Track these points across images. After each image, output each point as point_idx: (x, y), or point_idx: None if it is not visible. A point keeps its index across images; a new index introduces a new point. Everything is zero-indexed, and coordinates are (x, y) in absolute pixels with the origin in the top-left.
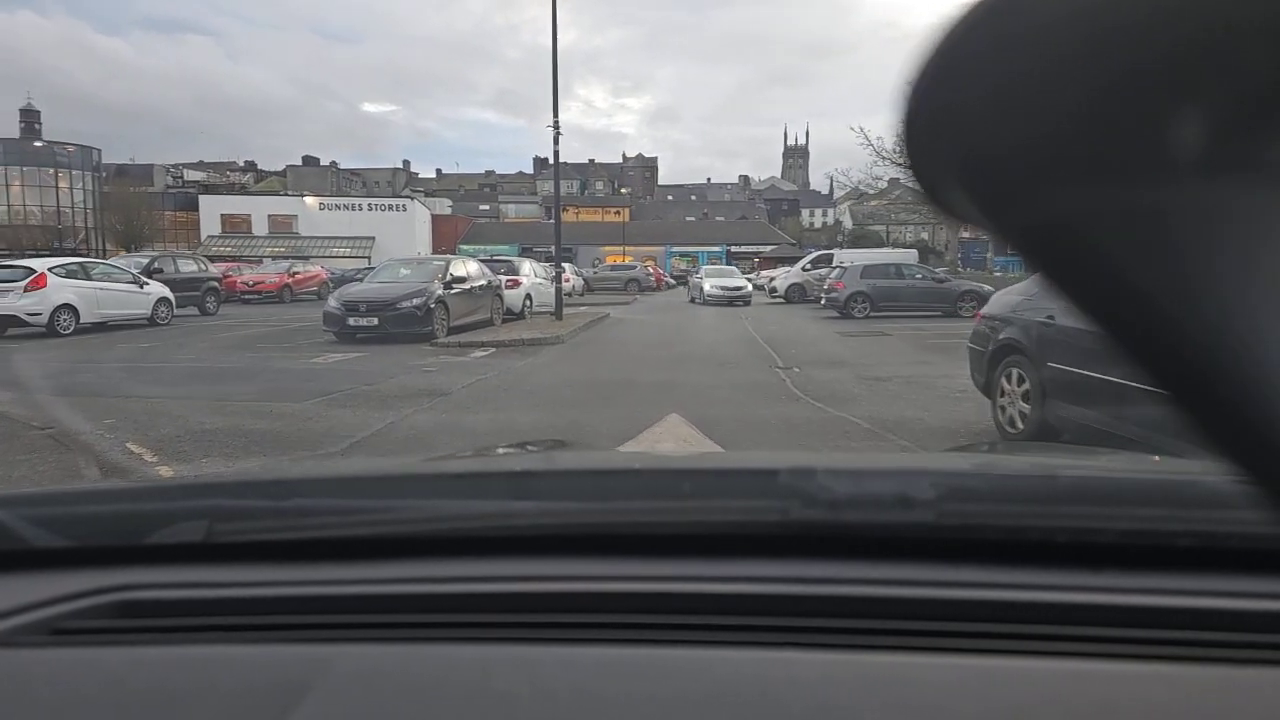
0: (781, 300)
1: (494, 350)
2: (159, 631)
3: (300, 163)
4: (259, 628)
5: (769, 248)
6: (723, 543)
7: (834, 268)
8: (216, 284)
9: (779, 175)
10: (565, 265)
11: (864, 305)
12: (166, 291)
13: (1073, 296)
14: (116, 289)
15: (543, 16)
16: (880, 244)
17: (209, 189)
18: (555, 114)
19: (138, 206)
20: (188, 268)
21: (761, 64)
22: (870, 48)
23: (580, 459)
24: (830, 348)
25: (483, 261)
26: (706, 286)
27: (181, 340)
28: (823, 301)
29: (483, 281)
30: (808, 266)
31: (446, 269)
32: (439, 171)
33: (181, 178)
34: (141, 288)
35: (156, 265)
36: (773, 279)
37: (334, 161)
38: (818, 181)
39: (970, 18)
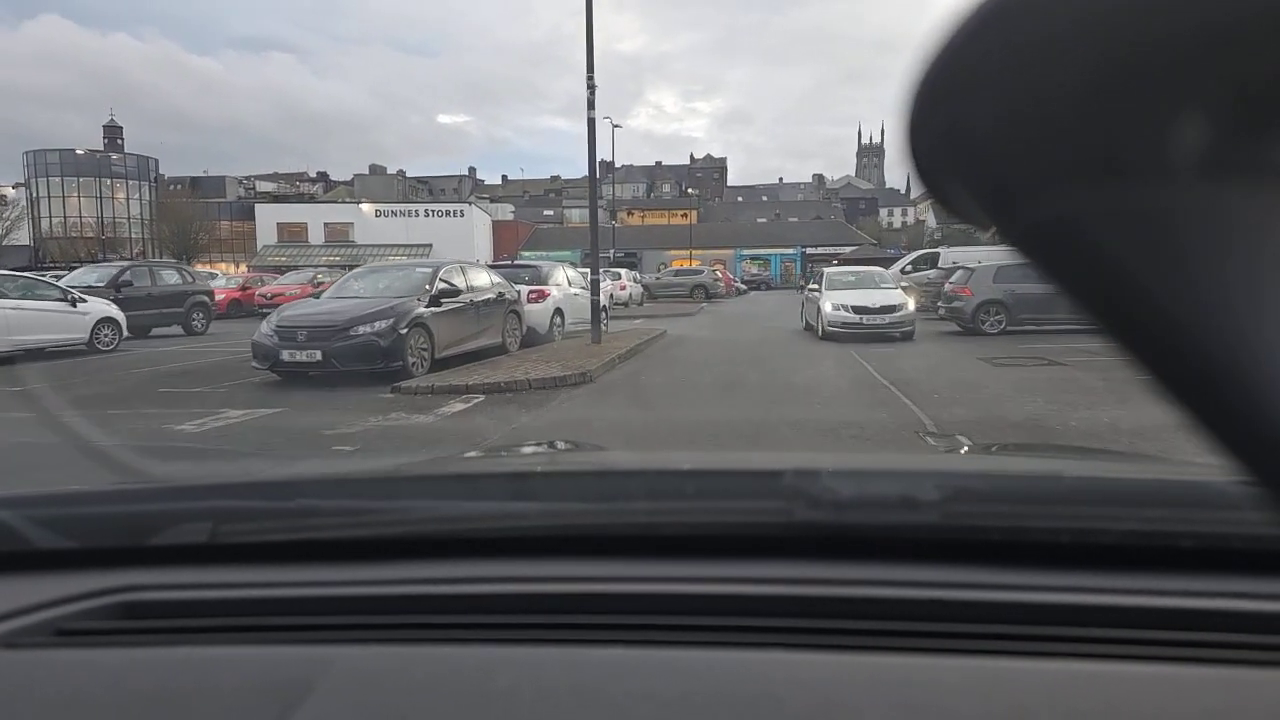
0: None
1: (480, 400)
2: (163, 632)
3: (367, 171)
4: (262, 628)
5: (848, 249)
6: (727, 544)
7: (950, 269)
8: (206, 298)
9: (853, 174)
10: (620, 271)
11: (998, 317)
12: (112, 310)
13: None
14: (37, 309)
15: (615, 23)
16: (968, 242)
17: (279, 199)
18: (590, 71)
19: (190, 217)
20: (170, 279)
21: (834, 62)
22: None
23: (584, 460)
24: (992, 388)
25: (503, 267)
26: (827, 308)
27: (75, 380)
28: (940, 311)
29: (491, 295)
30: (908, 268)
31: (434, 278)
32: (504, 177)
33: (253, 189)
34: (75, 306)
35: (126, 277)
36: None
37: (401, 170)
38: (895, 181)
39: (976, 18)
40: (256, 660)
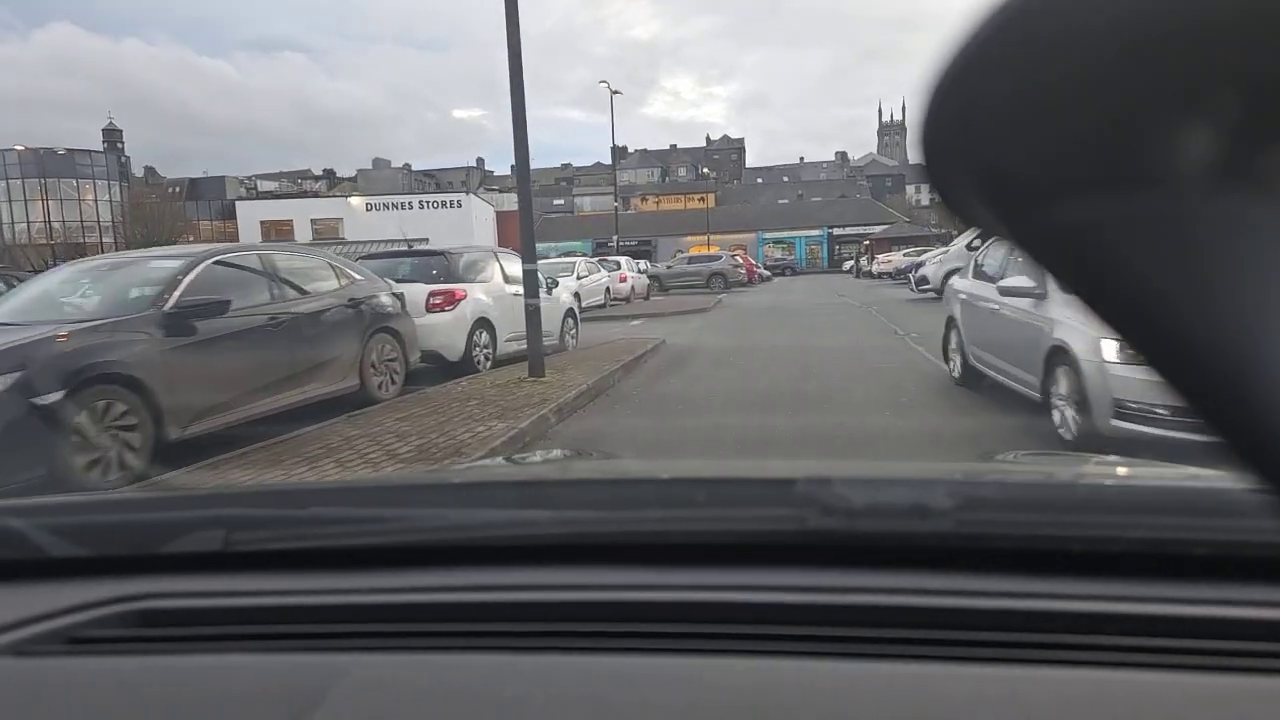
0: (934, 295)
1: None
2: (176, 640)
3: (370, 166)
4: (276, 636)
5: (878, 228)
6: (739, 552)
7: None
8: None
9: (876, 153)
10: (620, 260)
11: None
12: None
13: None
14: None
15: (628, 10)
16: None
17: (280, 196)
18: None
19: (162, 218)
20: None
21: (852, 42)
22: (963, 15)
23: (596, 468)
24: None
25: (389, 256)
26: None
27: None
28: None
29: (327, 304)
30: (975, 244)
31: (182, 277)
32: (513, 168)
33: (255, 188)
34: None
35: None
36: (918, 266)
37: (407, 164)
38: (918, 157)
39: (992, 24)
40: (269, 668)
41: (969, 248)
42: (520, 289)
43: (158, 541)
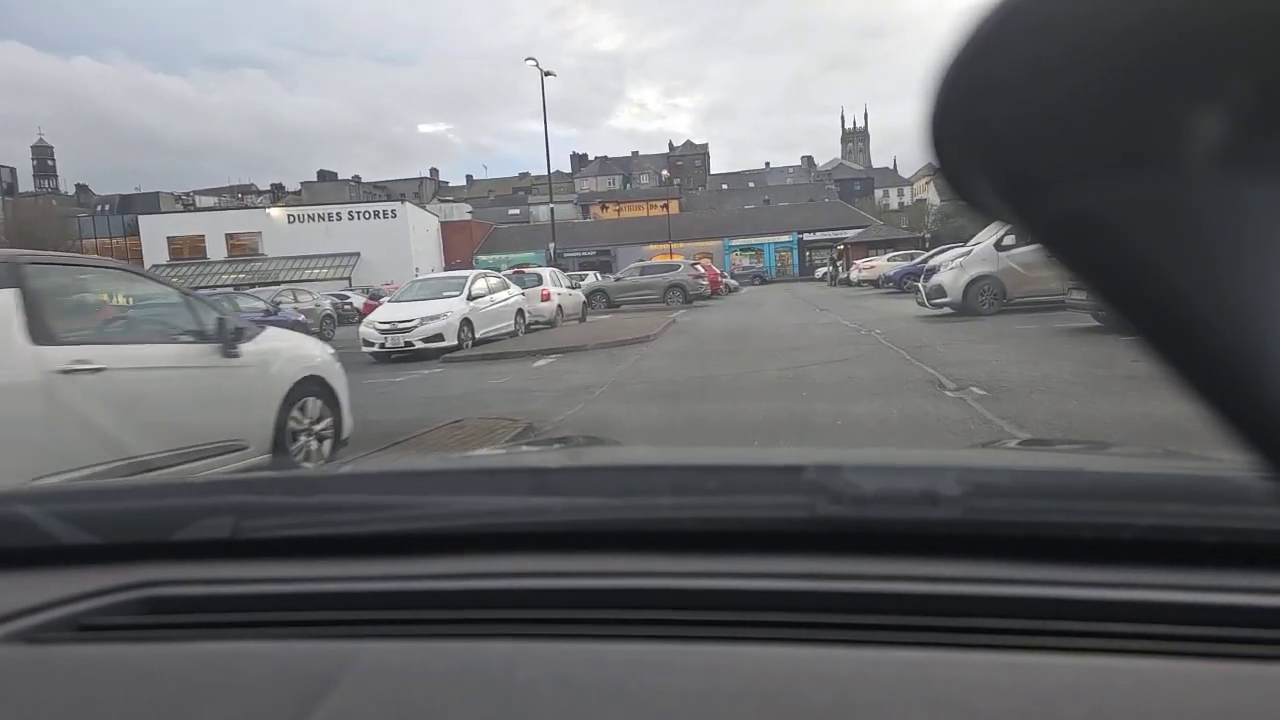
0: (950, 310)
1: None
2: (186, 627)
3: (316, 178)
4: (285, 623)
5: (851, 232)
6: (749, 539)
7: None
8: None
9: (841, 158)
10: (542, 273)
11: None
12: None
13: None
14: None
15: (594, 23)
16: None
17: (220, 207)
18: None
19: (47, 235)
20: None
21: (816, 50)
22: (927, 24)
23: (606, 455)
24: None
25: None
26: None
27: None
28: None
29: None
30: (1007, 241)
31: None
32: (469, 177)
33: (193, 204)
34: None
35: None
36: (928, 273)
37: (356, 175)
38: (880, 165)
39: (998, 12)
40: (280, 655)
41: (998, 246)
42: (102, 354)
43: (168, 528)
